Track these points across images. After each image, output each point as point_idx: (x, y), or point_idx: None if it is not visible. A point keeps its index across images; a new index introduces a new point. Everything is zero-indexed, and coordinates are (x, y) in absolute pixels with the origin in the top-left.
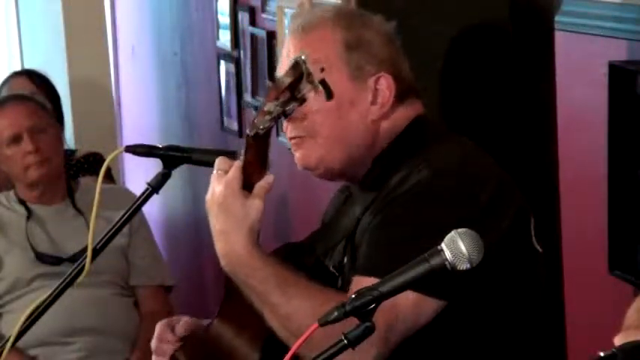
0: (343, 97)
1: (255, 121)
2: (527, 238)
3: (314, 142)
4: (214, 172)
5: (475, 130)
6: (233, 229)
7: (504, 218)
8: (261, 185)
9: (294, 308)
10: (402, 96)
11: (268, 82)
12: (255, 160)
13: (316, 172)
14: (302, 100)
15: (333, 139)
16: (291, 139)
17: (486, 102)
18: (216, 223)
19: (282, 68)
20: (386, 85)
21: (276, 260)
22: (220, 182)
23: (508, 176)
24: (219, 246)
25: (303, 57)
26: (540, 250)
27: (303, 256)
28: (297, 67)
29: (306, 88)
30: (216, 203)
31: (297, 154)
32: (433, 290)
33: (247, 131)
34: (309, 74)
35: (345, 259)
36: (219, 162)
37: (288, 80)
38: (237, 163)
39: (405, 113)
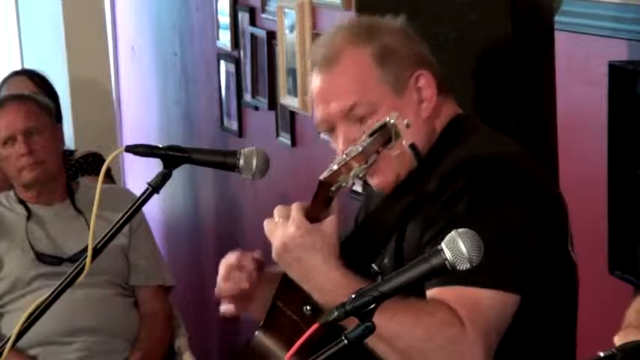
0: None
1: (340, 178)
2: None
3: (388, 165)
4: (276, 219)
5: None
6: (318, 261)
7: (561, 211)
8: (330, 219)
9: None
10: (442, 88)
11: (355, 146)
12: (322, 203)
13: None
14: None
15: (405, 153)
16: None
17: (486, 102)
18: (297, 267)
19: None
20: (425, 81)
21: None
22: (287, 227)
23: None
24: (311, 285)
25: (392, 120)
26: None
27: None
28: (385, 129)
29: (392, 149)
30: (294, 247)
31: (374, 181)
32: (515, 285)
33: (322, 177)
34: (399, 136)
35: (387, 260)
36: (278, 211)
37: (375, 147)
38: (296, 205)
39: (447, 110)
